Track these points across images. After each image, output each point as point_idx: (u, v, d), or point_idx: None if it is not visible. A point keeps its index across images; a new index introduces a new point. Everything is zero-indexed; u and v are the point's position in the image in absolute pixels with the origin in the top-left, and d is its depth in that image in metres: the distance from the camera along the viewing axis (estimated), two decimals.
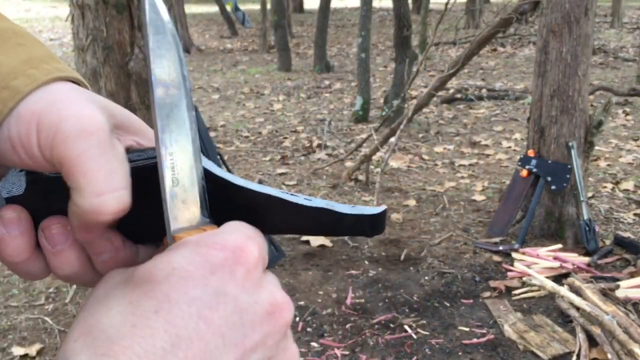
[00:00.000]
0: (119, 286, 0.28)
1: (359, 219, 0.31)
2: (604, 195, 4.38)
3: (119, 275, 0.30)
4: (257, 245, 0.30)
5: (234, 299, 0.27)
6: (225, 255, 0.28)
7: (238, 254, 0.28)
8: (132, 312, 0.26)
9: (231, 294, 0.27)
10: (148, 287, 0.27)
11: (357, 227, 0.31)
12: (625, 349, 2.35)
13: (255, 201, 0.32)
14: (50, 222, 0.33)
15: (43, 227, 0.33)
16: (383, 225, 0.32)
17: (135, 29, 3.24)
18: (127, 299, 0.27)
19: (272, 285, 0.30)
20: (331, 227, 0.32)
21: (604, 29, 15.09)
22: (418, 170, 5.12)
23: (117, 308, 0.27)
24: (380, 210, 0.31)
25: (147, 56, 0.31)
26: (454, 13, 15.72)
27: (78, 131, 0.29)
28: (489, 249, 3.50)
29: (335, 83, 9.52)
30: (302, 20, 20.05)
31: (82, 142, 0.29)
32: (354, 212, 0.31)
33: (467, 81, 9.19)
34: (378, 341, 2.66)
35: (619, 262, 3.31)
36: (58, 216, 0.33)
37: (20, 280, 3.20)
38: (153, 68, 0.30)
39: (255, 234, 0.30)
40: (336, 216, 0.31)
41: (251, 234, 0.30)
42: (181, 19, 12.95)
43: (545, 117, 3.54)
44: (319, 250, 3.54)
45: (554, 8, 3.42)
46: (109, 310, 0.27)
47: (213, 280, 0.27)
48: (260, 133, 6.42)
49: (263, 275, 0.30)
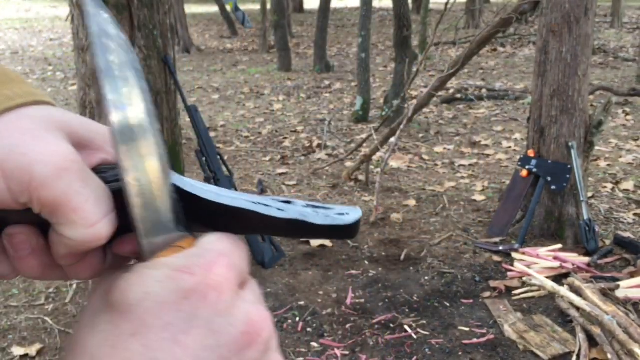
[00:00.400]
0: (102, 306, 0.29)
1: (331, 229, 0.31)
2: (604, 195, 4.38)
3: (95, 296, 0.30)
4: (230, 265, 0.29)
5: (207, 322, 0.28)
6: (196, 280, 0.28)
7: (209, 277, 0.28)
8: (112, 332, 0.27)
9: (203, 318, 0.27)
10: (124, 309, 0.27)
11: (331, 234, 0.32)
12: (625, 349, 2.35)
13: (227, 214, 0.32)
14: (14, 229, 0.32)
15: (8, 233, 0.32)
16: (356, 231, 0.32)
17: (136, 29, 3.24)
18: (107, 319, 0.28)
19: (247, 304, 0.29)
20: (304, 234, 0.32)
21: (604, 29, 15.09)
22: (418, 170, 5.12)
23: (99, 327, 0.28)
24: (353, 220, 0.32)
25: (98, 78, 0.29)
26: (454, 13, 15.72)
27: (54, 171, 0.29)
28: (489, 249, 3.50)
29: (335, 83, 9.52)
30: (302, 20, 20.05)
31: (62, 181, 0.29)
32: (327, 222, 0.31)
33: (467, 81, 9.19)
34: (378, 341, 2.66)
35: (619, 262, 3.31)
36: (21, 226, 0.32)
37: (20, 280, 3.20)
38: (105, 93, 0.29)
39: (229, 250, 0.30)
40: (309, 226, 0.31)
41: (225, 251, 0.30)
42: (181, 19, 12.95)
43: (545, 117, 3.54)
44: (319, 250, 3.54)
45: (554, 8, 3.42)
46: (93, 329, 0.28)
47: (185, 305, 0.27)
48: (260, 133, 6.42)
49: (238, 293, 0.29)
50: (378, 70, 10.63)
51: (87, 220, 0.29)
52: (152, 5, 3.27)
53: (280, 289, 3.10)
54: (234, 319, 0.28)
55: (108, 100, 0.29)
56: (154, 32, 3.32)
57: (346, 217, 0.32)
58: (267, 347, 0.30)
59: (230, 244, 0.31)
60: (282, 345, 2.64)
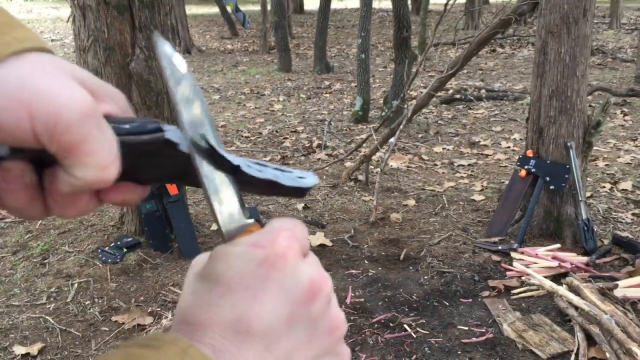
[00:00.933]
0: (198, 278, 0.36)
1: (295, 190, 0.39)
2: (603, 195, 4.40)
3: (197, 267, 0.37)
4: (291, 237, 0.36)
5: (278, 283, 0.34)
6: (266, 251, 0.35)
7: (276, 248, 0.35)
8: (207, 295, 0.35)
9: (275, 280, 0.34)
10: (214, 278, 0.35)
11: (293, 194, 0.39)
12: (623, 348, 2.36)
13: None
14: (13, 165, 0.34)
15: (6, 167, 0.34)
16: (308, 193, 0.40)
17: (137, 30, 3.26)
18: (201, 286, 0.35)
19: (309, 267, 0.36)
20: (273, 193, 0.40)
21: (602, 30, 15.11)
22: (417, 170, 5.14)
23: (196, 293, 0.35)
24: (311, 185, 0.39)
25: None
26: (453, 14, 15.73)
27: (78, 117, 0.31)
28: (488, 249, 3.52)
29: (335, 83, 9.53)
30: (302, 21, 20.06)
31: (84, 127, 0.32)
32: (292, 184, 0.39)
33: (467, 82, 9.20)
34: (378, 340, 2.68)
35: (617, 262, 3.32)
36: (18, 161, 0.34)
37: (21, 280, 3.21)
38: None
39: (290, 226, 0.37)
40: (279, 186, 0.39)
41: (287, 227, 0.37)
42: (182, 20, 12.96)
43: (544, 117, 3.56)
44: (318, 250, 3.56)
45: (553, 9, 3.44)
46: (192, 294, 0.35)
47: (260, 271, 0.34)
48: (260, 133, 6.43)
49: (301, 259, 0.36)
50: (378, 70, 10.64)
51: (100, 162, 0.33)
52: (153, 6, 3.29)
53: None
54: (299, 279, 0.35)
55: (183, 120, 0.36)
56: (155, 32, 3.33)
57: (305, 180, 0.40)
58: (328, 300, 0.37)
59: (291, 222, 0.37)
60: None
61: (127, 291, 3.09)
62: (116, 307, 2.94)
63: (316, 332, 0.36)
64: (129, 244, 3.48)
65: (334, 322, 0.37)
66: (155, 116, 3.41)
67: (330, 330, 0.36)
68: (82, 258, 3.41)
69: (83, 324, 2.82)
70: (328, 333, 0.36)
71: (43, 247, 3.58)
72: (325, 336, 0.36)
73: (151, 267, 3.33)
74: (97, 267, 3.32)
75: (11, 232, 3.85)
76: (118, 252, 3.41)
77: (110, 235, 3.67)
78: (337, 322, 0.37)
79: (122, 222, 3.74)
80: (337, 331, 0.37)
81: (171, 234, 3.52)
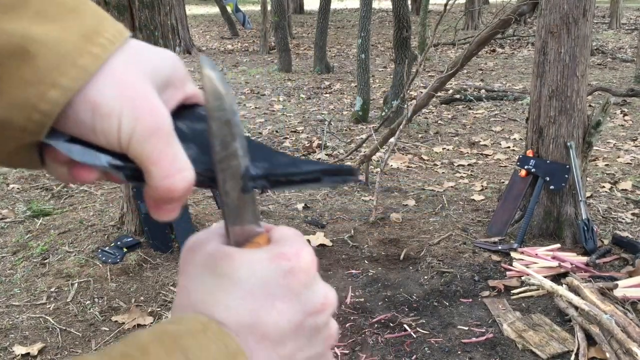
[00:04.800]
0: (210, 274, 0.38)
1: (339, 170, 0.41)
2: (602, 195, 4.40)
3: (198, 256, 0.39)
4: (311, 253, 0.39)
5: (297, 294, 0.38)
6: (291, 264, 0.38)
7: (300, 261, 0.38)
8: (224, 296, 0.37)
9: (295, 291, 0.38)
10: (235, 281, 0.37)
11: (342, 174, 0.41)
12: (623, 347, 2.36)
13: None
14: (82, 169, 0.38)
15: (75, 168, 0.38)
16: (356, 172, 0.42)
17: (137, 30, 3.26)
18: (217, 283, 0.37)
19: (323, 283, 0.40)
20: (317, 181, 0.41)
21: (602, 30, 15.11)
22: (417, 170, 5.14)
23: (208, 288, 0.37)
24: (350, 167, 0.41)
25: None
26: (453, 14, 15.74)
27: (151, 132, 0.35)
28: (488, 249, 3.52)
29: (335, 84, 9.53)
30: (302, 21, 20.06)
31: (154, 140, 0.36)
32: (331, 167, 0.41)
33: (466, 82, 9.21)
34: (378, 340, 2.68)
35: (617, 262, 3.32)
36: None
37: (21, 280, 3.21)
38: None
39: (306, 242, 0.40)
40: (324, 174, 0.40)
41: (305, 243, 0.40)
42: (182, 20, 12.96)
43: (544, 117, 3.56)
44: (318, 250, 3.56)
45: (553, 9, 3.44)
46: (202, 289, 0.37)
47: (283, 281, 0.37)
48: (260, 133, 6.43)
49: (318, 276, 0.40)
50: (378, 70, 10.64)
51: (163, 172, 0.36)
52: (153, 6, 3.29)
53: None
54: (315, 293, 0.39)
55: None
56: (155, 33, 3.33)
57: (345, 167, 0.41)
58: (331, 314, 0.41)
59: (302, 236, 0.41)
60: None
61: (127, 291, 3.09)
62: (116, 307, 2.94)
63: (316, 338, 0.39)
64: (129, 244, 3.48)
65: (330, 332, 0.41)
66: None
67: (327, 339, 0.40)
68: (82, 258, 3.41)
69: (83, 324, 2.82)
70: (325, 340, 0.40)
71: (43, 247, 3.58)
72: (322, 343, 0.40)
73: (151, 267, 3.33)
74: (97, 267, 3.32)
75: (11, 232, 3.85)
76: (118, 252, 3.41)
77: (110, 235, 3.67)
78: (333, 333, 0.41)
79: (122, 222, 3.74)
80: (332, 339, 0.41)
81: (171, 233, 3.52)
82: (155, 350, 0.33)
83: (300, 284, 0.38)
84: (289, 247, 0.39)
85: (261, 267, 0.37)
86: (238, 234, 0.39)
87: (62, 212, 4.16)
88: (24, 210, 4.19)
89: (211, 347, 0.34)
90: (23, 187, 4.70)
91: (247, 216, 0.39)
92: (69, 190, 4.63)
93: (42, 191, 4.61)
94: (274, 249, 0.38)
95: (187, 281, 0.39)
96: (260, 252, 0.38)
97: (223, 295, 0.37)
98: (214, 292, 0.37)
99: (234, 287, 0.37)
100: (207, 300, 0.37)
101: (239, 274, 0.37)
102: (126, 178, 0.38)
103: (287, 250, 0.38)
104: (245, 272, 0.37)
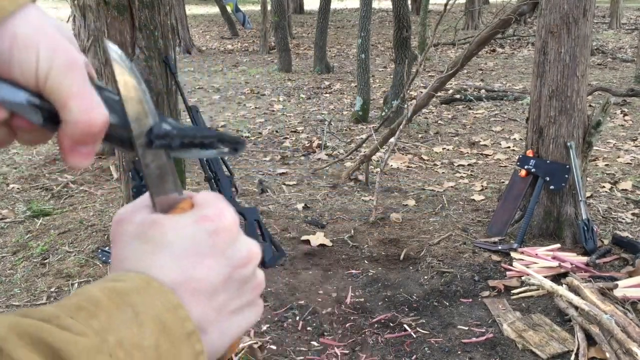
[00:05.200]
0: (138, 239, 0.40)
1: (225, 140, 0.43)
2: (603, 195, 4.40)
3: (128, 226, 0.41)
4: (231, 212, 0.42)
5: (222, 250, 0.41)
6: (215, 224, 0.41)
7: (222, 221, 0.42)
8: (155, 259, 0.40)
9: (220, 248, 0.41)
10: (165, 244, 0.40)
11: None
12: (623, 348, 2.36)
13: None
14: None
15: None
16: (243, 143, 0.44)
17: (137, 30, 3.26)
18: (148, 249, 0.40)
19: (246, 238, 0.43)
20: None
21: (602, 30, 15.11)
22: (417, 170, 5.14)
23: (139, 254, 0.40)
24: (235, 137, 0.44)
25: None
26: (453, 14, 15.74)
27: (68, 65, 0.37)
28: (488, 249, 3.52)
29: (335, 84, 9.53)
30: (302, 21, 20.07)
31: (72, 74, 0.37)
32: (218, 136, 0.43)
33: (466, 82, 9.21)
34: (377, 340, 2.68)
35: (617, 262, 3.32)
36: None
37: (21, 280, 3.22)
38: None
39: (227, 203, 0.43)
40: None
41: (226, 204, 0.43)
42: (182, 20, 12.96)
43: (544, 117, 3.56)
44: (319, 250, 3.56)
45: (553, 9, 3.44)
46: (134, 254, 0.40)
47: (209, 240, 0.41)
48: (260, 133, 6.43)
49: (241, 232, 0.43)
50: (378, 70, 10.64)
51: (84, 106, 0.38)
52: (153, 6, 3.29)
53: (280, 288, 3.11)
54: (239, 248, 0.42)
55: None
56: (155, 32, 3.33)
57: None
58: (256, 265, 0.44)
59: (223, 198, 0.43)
60: (282, 344, 2.65)
61: None
62: None
63: (245, 288, 0.43)
64: None
65: (258, 281, 0.44)
66: None
67: (254, 288, 0.44)
68: (82, 258, 3.42)
69: None
70: (252, 289, 0.44)
71: (43, 247, 3.58)
72: (250, 291, 0.44)
73: None
74: (97, 267, 3.32)
75: (11, 232, 3.85)
76: None
77: (110, 235, 3.67)
78: (260, 282, 0.45)
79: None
80: (259, 288, 0.45)
81: None
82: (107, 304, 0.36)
83: (225, 242, 0.41)
84: (212, 209, 0.42)
85: (187, 229, 0.40)
86: (163, 203, 0.42)
87: (62, 212, 4.16)
88: (24, 210, 4.19)
89: (155, 302, 0.37)
90: (23, 187, 4.70)
91: (169, 185, 0.42)
92: (69, 190, 4.64)
93: (42, 191, 4.61)
94: (197, 212, 0.42)
95: (120, 251, 0.41)
96: (185, 216, 0.41)
97: (155, 258, 0.39)
98: (146, 256, 0.40)
99: (164, 250, 0.40)
100: (140, 265, 0.39)
101: (168, 237, 0.40)
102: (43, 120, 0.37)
103: (210, 212, 0.41)
104: (173, 235, 0.40)
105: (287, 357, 2.56)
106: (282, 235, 3.75)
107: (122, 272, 0.40)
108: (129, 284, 0.37)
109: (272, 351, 2.58)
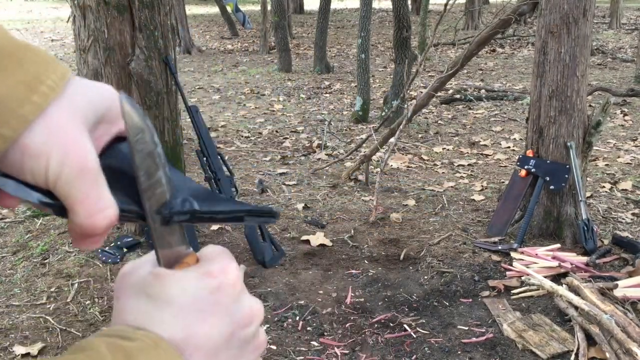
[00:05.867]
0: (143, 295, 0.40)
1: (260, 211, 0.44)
2: (603, 195, 4.40)
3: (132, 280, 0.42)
4: (236, 268, 0.42)
5: (226, 308, 0.41)
6: (218, 280, 0.41)
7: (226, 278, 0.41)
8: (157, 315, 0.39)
9: (223, 305, 0.40)
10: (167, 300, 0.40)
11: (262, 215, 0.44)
12: (623, 348, 2.36)
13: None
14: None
15: None
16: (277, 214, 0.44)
17: (137, 30, 3.26)
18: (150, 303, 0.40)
19: (249, 296, 0.43)
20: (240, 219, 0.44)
21: (602, 30, 15.11)
22: (417, 170, 5.14)
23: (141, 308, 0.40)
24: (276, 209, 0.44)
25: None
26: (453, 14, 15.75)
27: (76, 174, 0.38)
28: (488, 249, 3.52)
29: (335, 84, 9.53)
30: (302, 21, 20.06)
31: (79, 182, 0.38)
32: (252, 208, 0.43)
33: (466, 82, 9.21)
34: (377, 340, 2.68)
35: (617, 262, 3.33)
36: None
37: (21, 280, 3.22)
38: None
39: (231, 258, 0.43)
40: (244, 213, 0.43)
41: (230, 259, 0.43)
42: (182, 20, 12.95)
43: (544, 117, 3.56)
44: (319, 250, 3.56)
45: (553, 9, 3.44)
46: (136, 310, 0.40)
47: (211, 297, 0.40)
48: (260, 133, 6.43)
49: (244, 290, 0.43)
50: (378, 70, 10.64)
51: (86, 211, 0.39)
52: (153, 6, 3.29)
53: (280, 288, 3.11)
54: (242, 305, 0.42)
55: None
56: (155, 32, 3.33)
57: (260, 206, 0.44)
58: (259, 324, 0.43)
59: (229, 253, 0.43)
60: (282, 344, 2.65)
61: None
62: None
63: (246, 347, 0.42)
64: (129, 244, 3.48)
65: (260, 341, 0.44)
66: (155, 116, 3.41)
67: (256, 348, 0.43)
68: (82, 258, 3.42)
69: (83, 324, 2.82)
70: (254, 350, 0.43)
71: (43, 247, 3.58)
72: (251, 352, 0.43)
73: None
74: (97, 267, 3.32)
75: (11, 232, 3.85)
76: (118, 252, 3.41)
77: (110, 235, 3.67)
78: (262, 342, 0.44)
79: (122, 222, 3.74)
80: (260, 348, 0.44)
81: None
82: None
83: (228, 299, 0.41)
84: (216, 264, 0.42)
85: (190, 285, 0.40)
86: (167, 257, 0.42)
87: None
88: (24, 210, 4.19)
89: None
90: None
91: (175, 239, 0.42)
92: None
93: None
94: (201, 267, 0.42)
95: (122, 304, 0.41)
96: (189, 271, 0.41)
97: (157, 314, 0.39)
98: (148, 311, 0.39)
99: (166, 306, 0.39)
100: (141, 319, 0.39)
101: (171, 293, 0.40)
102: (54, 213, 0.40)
103: (213, 268, 0.41)
104: (176, 291, 0.40)
105: (287, 357, 2.56)
106: (282, 235, 3.75)
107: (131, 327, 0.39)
108: (137, 344, 0.37)
109: (272, 351, 2.58)
